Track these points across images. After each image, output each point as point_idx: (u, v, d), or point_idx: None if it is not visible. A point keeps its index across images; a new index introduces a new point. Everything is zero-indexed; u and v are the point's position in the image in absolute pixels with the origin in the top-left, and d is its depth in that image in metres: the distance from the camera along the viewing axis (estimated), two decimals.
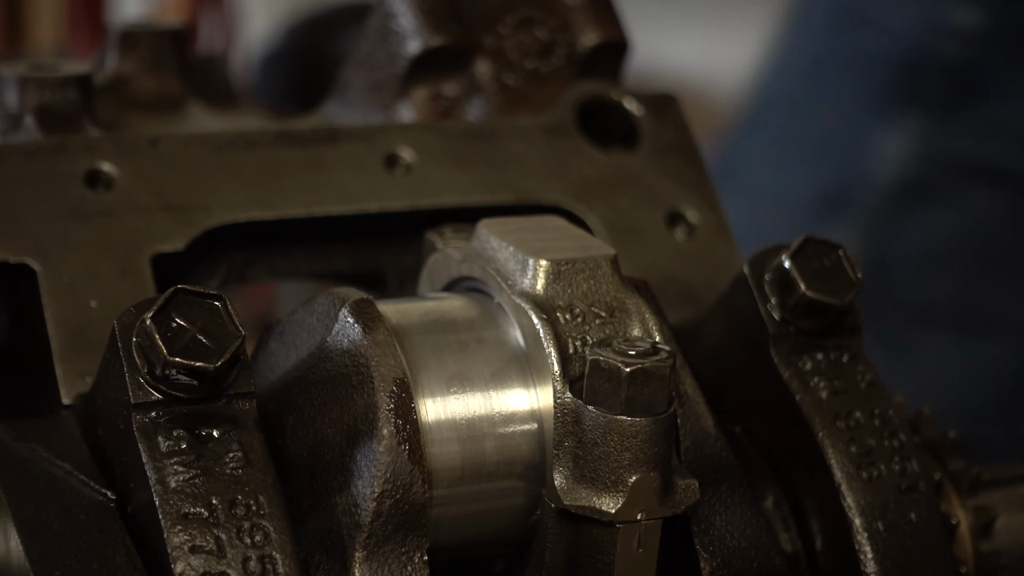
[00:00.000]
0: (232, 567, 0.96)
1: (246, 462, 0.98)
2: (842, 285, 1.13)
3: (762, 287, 1.15)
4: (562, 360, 1.04)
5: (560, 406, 1.03)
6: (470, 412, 1.05)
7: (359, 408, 1.02)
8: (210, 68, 1.48)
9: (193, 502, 0.96)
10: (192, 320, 0.98)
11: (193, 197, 1.24)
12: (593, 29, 1.37)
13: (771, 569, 1.10)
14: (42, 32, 4.22)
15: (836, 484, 1.11)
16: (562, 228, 1.13)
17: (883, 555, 1.10)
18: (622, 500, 1.01)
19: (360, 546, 1.01)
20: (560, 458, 1.03)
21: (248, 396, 1.00)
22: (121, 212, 1.21)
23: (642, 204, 1.33)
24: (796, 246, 1.14)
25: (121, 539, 1.00)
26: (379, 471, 1.00)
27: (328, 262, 1.31)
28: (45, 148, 1.22)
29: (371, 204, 1.27)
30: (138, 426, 0.98)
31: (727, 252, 1.33)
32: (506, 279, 1.08)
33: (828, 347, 1.14)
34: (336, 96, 1.42)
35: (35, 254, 1.18)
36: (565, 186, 1.32)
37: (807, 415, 1.12)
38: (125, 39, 1.39)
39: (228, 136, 1.28)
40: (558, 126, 1.34)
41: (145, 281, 1.19)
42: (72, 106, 1.26)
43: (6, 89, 1.26)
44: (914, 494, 1.11)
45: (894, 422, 1.13)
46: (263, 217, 1.25)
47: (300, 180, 1.27)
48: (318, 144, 1.29)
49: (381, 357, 1.02)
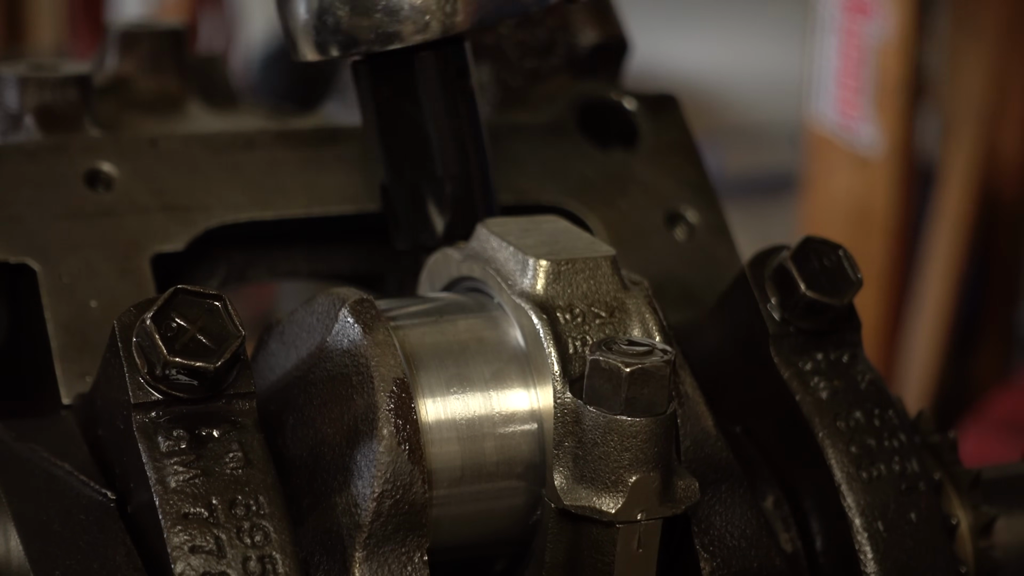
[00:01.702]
0: (232, 567, 0.96)
1: (246, 462, 0.98)
2: (842, 285, 1.13)
3: (762, 287, 1.15)
4: (562, 360, 1.04)
5: (560, 406, 1.03)
6: (470, 412, 1.05)
7: (359, 408, 1.02)
8: (210, 68, 1.48)
9: (193, 502, 0.96)
10: (192, 320, 0.98)
11: (193, 197, 1.24)
12: (593, 29, 1.37)
13: (771, 569, 1.10)
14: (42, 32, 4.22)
15: (836, 484, 1.11)
16: (562, 228, 1.13)
17: (883, 555, 1.10)
18: (622, 500, 1.01)
19: (360, 546, 1.01)
20: (560, 458, 1.03)
21: (248, 396, 1.00)
22: (121, 212, 1.21)
23: (642, 204, 1.33)
24: (796, 246, 1.14)
25: (121, 539, 1.00)
26: (379, 471, 1.00)
27: (328, 262, 1.31)
28: (45, 148, 1.22)
29: (371, 204, 1.27)
30: (138, 426, 0.98)
31: (727, 252, 1.33)
32: (506, 279, 1.08)
33: (828, 347, 1.14)
34: (336, 96, 1.42)
35: (35, 254, 1.18)
36: (565, 186, 1.32)
37: (807, 415, 1.12)
38: (125, 39, 1.39)
39: (228, 136, 1.28)
40: (558, 126, 1.34)
41: (145, 281, 1.19)
42: (72, 106, 1.26)
43: (6, 89, 1.26)
44: (914, 494, 1.11)
45: (894, 422, 1.13)
46: (263, 217, 1.25)
47: (300, 180, 1.27)
48: (318, 144, 1.29)
49: (381, 357, 1.02)
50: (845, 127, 2.89)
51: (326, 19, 1.12)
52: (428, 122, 1.18)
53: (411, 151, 1.19)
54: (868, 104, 2.84)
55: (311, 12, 1.13)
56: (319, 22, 1.13)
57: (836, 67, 2.90)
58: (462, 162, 1.19)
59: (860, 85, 2.84)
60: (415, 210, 1.19)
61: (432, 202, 1.18)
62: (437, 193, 1.17)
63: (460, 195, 1.19)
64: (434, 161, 1.18)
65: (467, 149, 1.19)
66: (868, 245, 2.84)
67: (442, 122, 1.18)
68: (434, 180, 1.18)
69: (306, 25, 1.13)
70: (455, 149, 1.19)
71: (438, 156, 1.18)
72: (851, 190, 2.89)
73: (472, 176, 1.19)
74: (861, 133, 2.86)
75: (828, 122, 2.92)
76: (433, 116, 1.18)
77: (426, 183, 1.19)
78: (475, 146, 1.20)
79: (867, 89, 2.83)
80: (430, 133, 1.18)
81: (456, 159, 1.19)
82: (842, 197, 2.91)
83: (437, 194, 1.17)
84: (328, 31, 1.13)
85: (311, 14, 1.13)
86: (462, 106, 1.19)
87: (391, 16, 1.12)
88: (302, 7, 1.13)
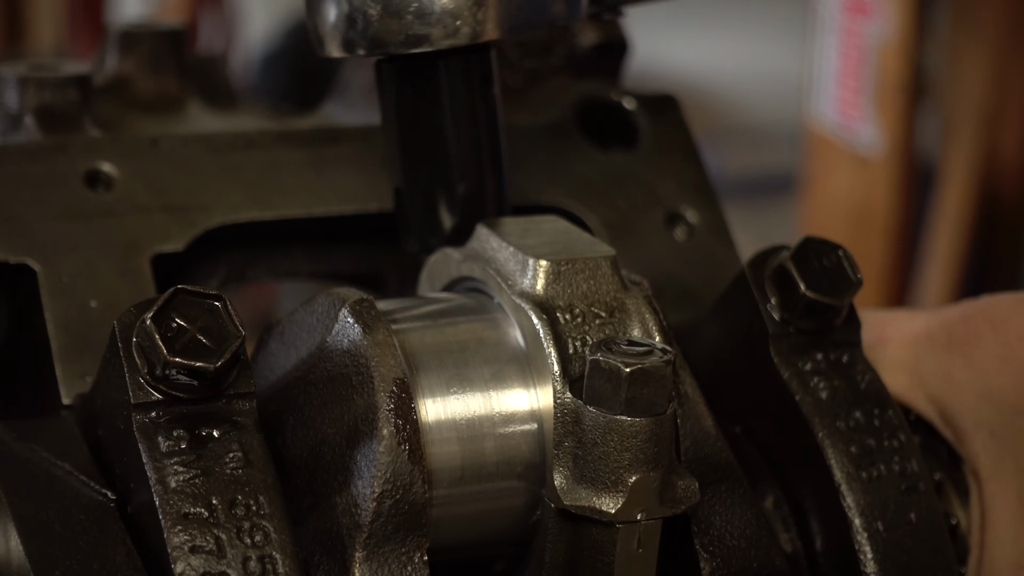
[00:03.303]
0: (232, 567, 0.96)
1: (246, 462, 0.98)
2: (842, 285, 1.13)
3: (762, 287, 1.15)
4: (562, 360, 1.04)
5: (560, 406, 1.03)
6: (470, 412, 1.05)
7: (359, 408, 1.02)
8: (210, 68, 1.48)
9: (193, 502, 0.96)
10: (192, 320, 0.98)
11: (193, 197, 1.24)
12: (592, 29, 1.37)
13: (771, 569, 1.10)
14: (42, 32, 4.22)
15: (836, 484, 1.11)
16: (562, 228, 1.13)
17: (883, 555, 1.10)
18: (622, 500, 1.01)
19: (360, 546, 1.01)
20: (560, 458, 1.03)
21: (248, 396, 1.00)
22: (121, 212, 1.21)
23: (642, 204, 1.33)
24: (796, 246, 1.14)
25: (121, 539, 1.00)
26: (379, 471, 1.00)
27: (328, 262, 1.31)
28: (45, 148, 1.22)
29: (371, 204, 1.27)
30: (138, 426, 0.98)
31: (727, 252, 1.33)
32: (506, 279, 1.08)
33: (828, 347, 1.14)
34: (336, 96, 1.42)
35: (35, 254, 1.18)
36: (565, 186, 1.31)
37: (807, 415, 1.12)
38: (125, 39, 1.39)
39: (228, 136, 1.28)
40: (558, 126, 1.34)
41: (145, 281, 1.19)
42: (72, 106, 1.26)
43: (6, 89, 1.26)
44: (914, 494, 1.11)
45: (894, 422, 1.13)
46: (263, 217, 1.25)
47: (300, 180, 1.27)
48: (318, 144, 1.29)
49: (381, 357, 1.02)
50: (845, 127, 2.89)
51: (356, 17, 1.12)
52: (448, 127, 1.18)
53: (428, 155, 1.18)
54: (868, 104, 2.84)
55: (341, 9, 1.12)
56: (349, 20, 1.12)
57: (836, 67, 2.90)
58: (478, 170, 1.19)
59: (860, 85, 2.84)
60: (427, 214, 1.19)
61: (445, 207, 1.18)
62: (451, 198, 1.17)
63: (473, 201, 1.18)
64: (451, 166, 1.18)
65: (484, 157, 1.19)
66: (868, 245, 2.84)
67: (462, 128, 1.18)
68: (449, 185, 1.18)
69: (335, 22, 1.13)
70: (473, 156, 1.18)
71: (455, 162, 1.18)
72: (851, 190, 2.90)
73: (487, 184, 1.19)
74: (861, 133, 2.86)
75: (828, 122, 2.92)
76: (454, 121, 1.18)
77: (440, 188, 1.19)
78: (492, 155, 1.19)
79: (867, 89, 2.83)
80: (449, 138, 1.18)
81: (473, 166, 1.18)
82: (842, 197, 2.91)
83: (451, 199, 1.17)
84: (357, 30, 1.12)
85: (341, 11, 1.12)
86: (483, 113, 1.18)
87: (421, 19, 1.11)
88: (332, 4, 1.13)
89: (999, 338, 1.17)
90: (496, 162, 1.20)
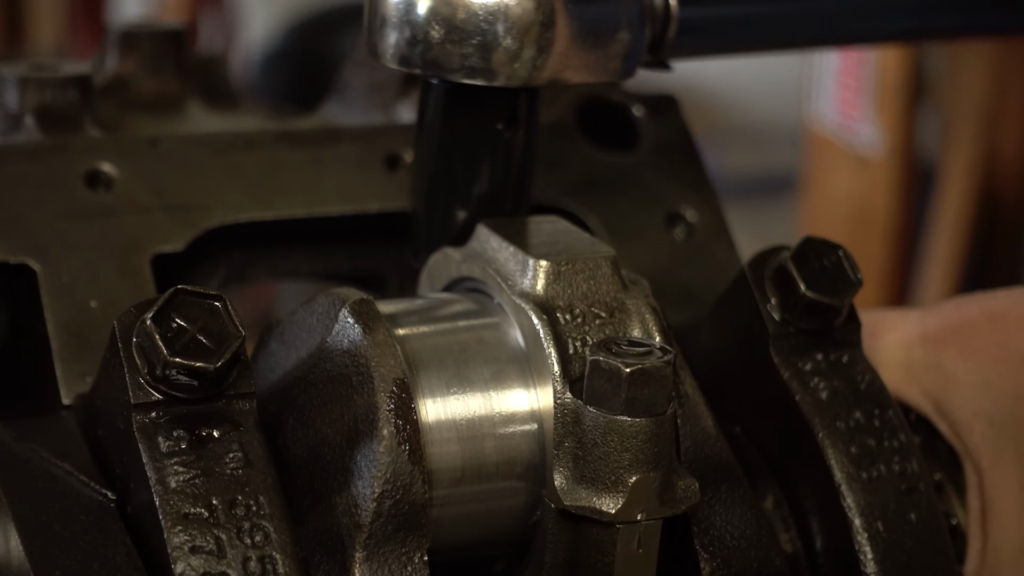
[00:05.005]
0: (232, 567, 0.96)
1: (246, 462, 0.98)
2: (842, 286, 1.13)
3: (762, 287, 1.15)
4: (562, 360, 1.04)
5: (560, 406, 1.03)
6: (470, 412, 1.05)
7: (359, 408, 1.02)
8: (210, 68, 1.48)
9: (193, 502, 0.96)
10: (192, 320, 0.98)
11: (193, 197, 1.24)
12: None
13: (771, 569, 1.10)
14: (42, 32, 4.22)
15: (836, 484, 1.11)
16: (562, 228, 1.13)
17: (883, 555, 1.10)
18: (622, 500, 1.01)
19: (360, 546, 1.01)
20: (560, 458, 1.03)
21: (248, 396, 1.00)
22: (121, 212, 1.21)
23: (641, 204, 1.33)
24: (796, 247, 1.14)
25: (121, 539, 1.00)
26: (379, 471, 1.00)
27: (328, 262, 1.31)
28: (45, 148, 1.22)
29: (371, 204, 1.27)
30: (138, 426, 0.98)
31: (727, 252, 1.33)
32: (506, 279, 1.08)
33: (828, 347, 1.14)
34: (336, 96, 1.42)
35: (35, 254, 1.18)
36: (565, 186, 1.32)
37: (807, 415, 1.12)
38: (125, 39, 1.39)
39: (228, 136, 1.28)
40: (558, 126, 1.34)
41: (145, 281, 1.19)
42: (72, 106, 1.26)
43: (6, 89, 1.26)
44: (914, 494, 1.11)
45: (894, 422, 1.13)
46: (263, 217, 1.25)
47: (300, 180, 1.27)
48: (318, 144, 1.29)
49: (381, 357, 1.02)
50: (845, 127, 2.89)
51: (418, 35, 1.11)
52: (484, 158, 1.18)
53: (457, 179, 1.18)
54: (868, 104, 2.84)
55: (406, 24, 1.12)
56: (411, 37, 1.11)
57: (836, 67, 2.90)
58: (502, 204, 1.19)
59: (860, 85, 2.84)
60: (442, 237, 1.19)
61: (460, 234, 1.18)
62: (467, 228, 1.17)
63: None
64: (475, 197, 1.18)
65: (510, 194, 1.19)
66: (868, 245, 2.84)
67: (496, 163, 1.18)
68: (470, 214, 1.18)
69: (398, 36, 1.12)
70: (500, 192, 1.19)
71: (482, 193, 1.18)
72: (851, 190, 2.90)
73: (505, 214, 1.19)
74: (861, 133, 2.86)
75: (828, 122, 2.93)
76: (491, 153, 1.17)
77: (461, 215, 1.18)
78: (518, 192, 1.19)
79: (867, 89, 2.83)
80: (482, 168, 1.18)
81: (498, 201, 1.18)
82: (842, 197, 2.91)
83: (467, 228, 1.17)
84: (417, 49, 1.11)
85: (405, 26, 1.12)
86: (519, 152, 1.18)
87: (483, 53, 1.11)
88: (397, 16, 1.12)
89: (998, 328, 1.17)
90: (520, 199, 1.20)
